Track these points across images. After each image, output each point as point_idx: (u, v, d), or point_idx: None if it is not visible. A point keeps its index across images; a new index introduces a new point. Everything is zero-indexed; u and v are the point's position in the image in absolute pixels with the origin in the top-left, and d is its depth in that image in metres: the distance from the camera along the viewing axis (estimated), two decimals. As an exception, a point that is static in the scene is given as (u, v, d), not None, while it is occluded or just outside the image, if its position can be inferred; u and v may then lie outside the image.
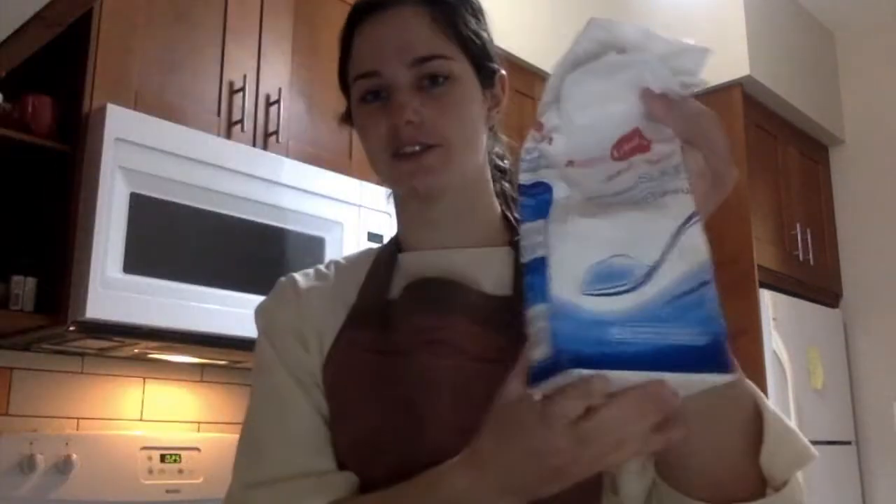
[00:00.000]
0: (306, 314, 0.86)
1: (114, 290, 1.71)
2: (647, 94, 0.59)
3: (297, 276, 0.92)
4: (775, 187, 3.39)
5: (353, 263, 0.91)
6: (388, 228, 2.25)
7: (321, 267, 0.92)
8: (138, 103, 1.88)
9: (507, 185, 0.92)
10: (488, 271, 0.83)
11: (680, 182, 0.56)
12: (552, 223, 0.57)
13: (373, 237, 2.20)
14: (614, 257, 0.54)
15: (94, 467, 1.94)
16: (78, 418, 2.05)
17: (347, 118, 0.89)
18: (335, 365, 0.82)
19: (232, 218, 1.93)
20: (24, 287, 1.76)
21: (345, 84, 0.88)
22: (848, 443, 3.48)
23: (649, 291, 0.53)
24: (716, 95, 3.27)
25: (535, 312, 0.55)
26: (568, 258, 0.55)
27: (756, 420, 0.67)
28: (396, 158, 0.81)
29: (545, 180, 0.59)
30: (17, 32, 1.24)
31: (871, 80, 3.80)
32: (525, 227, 0.58)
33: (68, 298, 1.72)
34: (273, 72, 2.18)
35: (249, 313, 2.04)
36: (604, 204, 0.56)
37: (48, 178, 1.87)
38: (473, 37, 0.84)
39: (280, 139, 2.13)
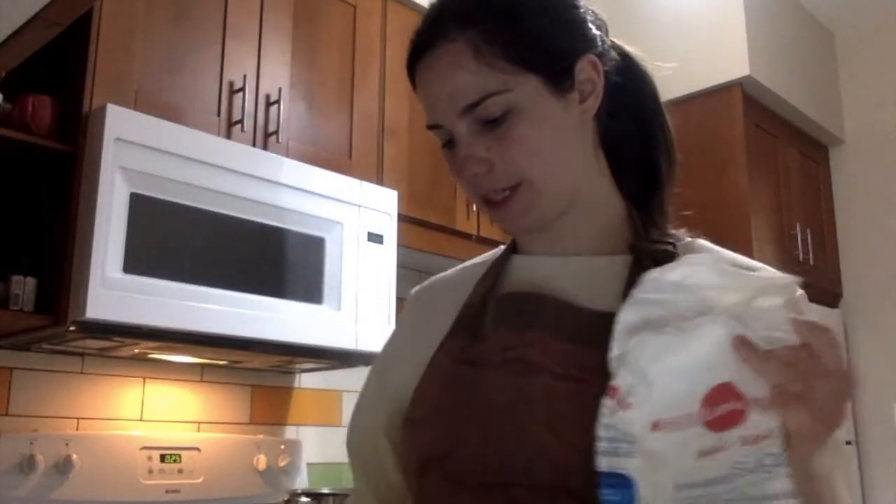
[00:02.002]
0: (421, 326, 0.86)
1: (114, 290, 1.71)
2: (739, 344, 0.53)
3: (427, 285, 0.92)
4: (775, 187, 3.39)
5: (476, 265, 0.90)
6: (389, 228, 2.25)
7: (451, 271, 0.92)
8: (138, 103, 1.88)
9: (629, 172, 0.84)
10: (595, 283, 0.77)
11: (781, 483, 0.51)
12: None
13: (373, 237, 2.20)
14: None
15: (94, 467, 1.94)
16: (78, 418, 2.05)
17: None
18: (427, 371, 0.80)
19: (232, 218, 1.93)
20: (24, 287, 1.76)
21: None
22: (848, 443, 3.48)
23: None
24: (716, 95, 3.27)
25: None
26: None
27: None
28: (487, 204, 0.78)
29: (626, 472, 0.53)
30: (17, 32, 1.23)
31: (871, 80, 3.80)
32: None
33: (68, 298, 1.72)
34: (273, 72, 2.18)
35: (249, 313, 2.04)
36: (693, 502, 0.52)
37: (48, 178, 1.87)
38: (534, 42, 0.75)
39: (280, 139, 2.13)
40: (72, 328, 1.72)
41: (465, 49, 0.74)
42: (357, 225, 2.17)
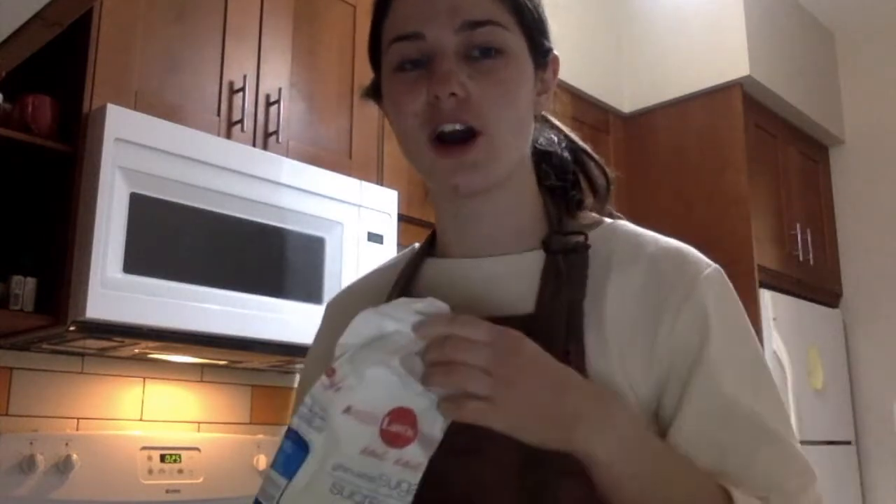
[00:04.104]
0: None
1: (114, 290, 1.71)
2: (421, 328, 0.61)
3: (341, 292, 0.90)
4: (775, 187, 3.39)
5: (389, 268, 0.87)
6: (389, 228, 2.25)
7: (365, 275, 0.90)
8: (138, 103, 1.88)
9: (550, 172, 0.82)
10: (513, 282, 0.75)
11: None
12: (287, 491, 0.63)
13: (373, 237, 2.20)
14: None
15: (94, 467, 1.94)
16: (78, 418, 2.05)
17: (374, 93, 0.80)
18: None
19: (232, 218, 1.93)
20: (24, 287, 1.76)
21: (375, 53, 0.79)
22: (848, 443, 3.48)
23: None
24: (716, 95, 3.27)
25: None
26: None
27: None
28: (436, 147, 0.71)
29: (309, 440, 0.63)
30: (17, 32, 1.23)
31: (871, 80, 3.80)
32: (271, 473, 0.64)
33: (68, 298, 1.72)
34: (273, 72, 2.18)
35: (249, 313, 2.04)
36: (338, 486, 0.62)
37: (48, 178, 1.87)
38: (531, 8, 0.75)
39: (280, 139, 2.13)
40: (72, 328, 1.72)
41: None
42: (357, 225, 2.17)
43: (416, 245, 0.87)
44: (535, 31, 0.76)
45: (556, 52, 0.80)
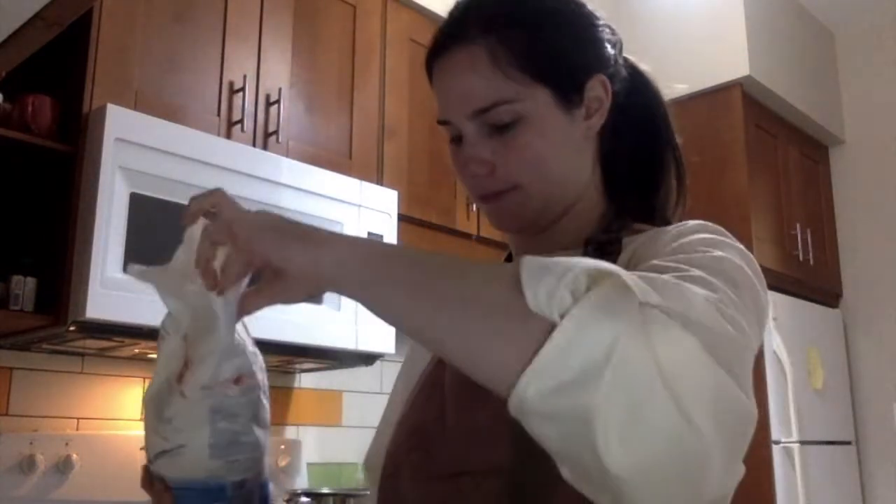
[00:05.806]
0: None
1: (114, 290, 1.71)
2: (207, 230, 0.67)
3: None
4: (775, 187, 3.39)
5: None
6: (389, 228, 2.25)
7: None
8: (138, 103, 1.88)
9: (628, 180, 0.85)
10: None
11: (244, 426, 0.71)
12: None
13: (373, 237, 2.20)
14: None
15: (94, 467, 1.94)
16: (78, 418, 2.05)
17: None
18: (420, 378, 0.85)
19: (232, 218, 1.93)
20: (24, 287, 1.76)
21: None
22: (848, 443, 3.48)
23: None
24: (716, 95, 3.27)
25: None
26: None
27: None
28: (482, 200, 0.81)
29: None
30: (17, 32, 1.23)
31: (871, 80, 3.80)
32: None
33: (68, 298, 1.72)
34: (273, 72, 2.18)
35: (249, 313, 2.00)
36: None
37: (48, 178, 1.87)
38: (551, 57, 0.77)
39: (280, 139, 2.13)
40: (72, 328, 1.72)
41: (482, 54, 0.76)
42: (357, 225, 2.17)
43: None
44: (559, 78, 0.77)
45: (601, 77, 0.80)
